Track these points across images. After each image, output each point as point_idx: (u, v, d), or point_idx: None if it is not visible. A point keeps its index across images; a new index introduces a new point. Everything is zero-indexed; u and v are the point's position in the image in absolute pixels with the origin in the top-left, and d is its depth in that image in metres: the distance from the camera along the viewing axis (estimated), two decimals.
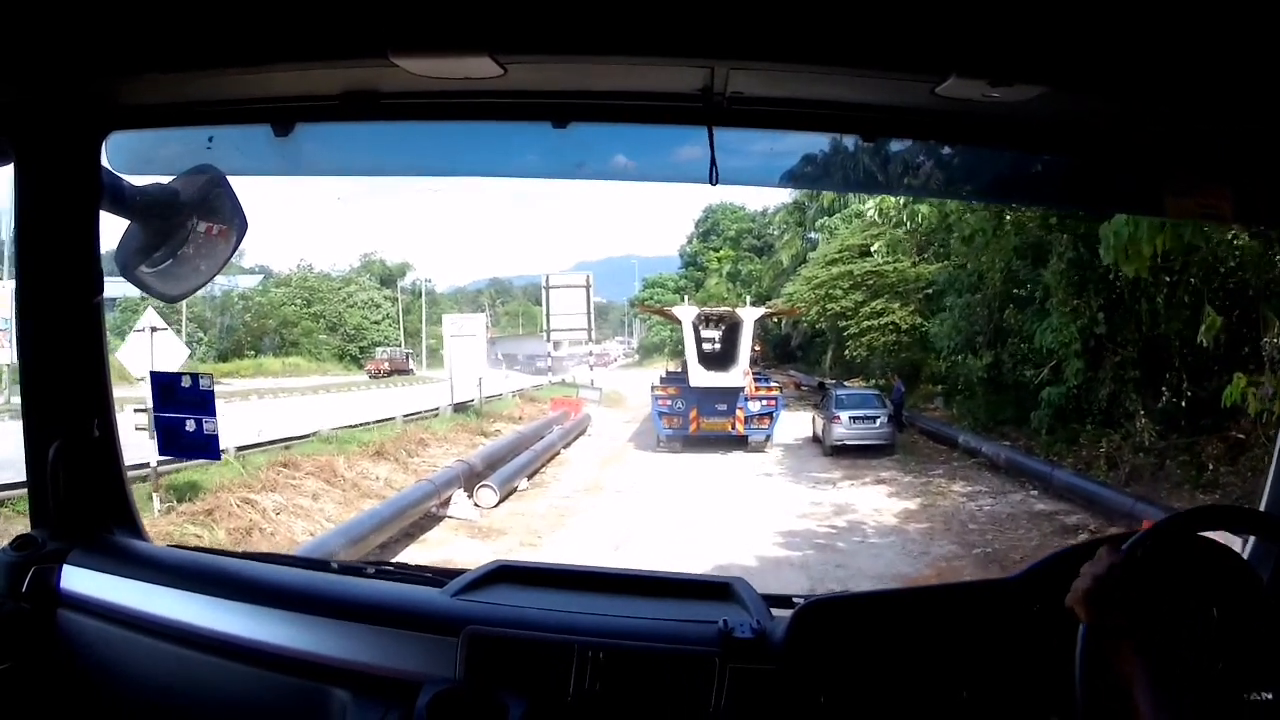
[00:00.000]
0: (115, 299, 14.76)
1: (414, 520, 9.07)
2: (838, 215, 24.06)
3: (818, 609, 1.37)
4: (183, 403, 1.70)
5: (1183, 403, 10.73)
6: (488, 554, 7.59)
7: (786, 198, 32.72)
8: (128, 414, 5.19)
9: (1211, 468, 9.78)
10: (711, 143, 1.39)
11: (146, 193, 1.47)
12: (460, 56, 1.16)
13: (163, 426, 1.71)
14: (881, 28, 1.10)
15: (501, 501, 10.60)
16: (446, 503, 9.81)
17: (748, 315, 17.06)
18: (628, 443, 16.91)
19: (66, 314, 1.49)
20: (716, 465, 14.07)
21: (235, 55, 1.20)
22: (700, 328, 17.95)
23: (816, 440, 15.95)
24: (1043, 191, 1.96)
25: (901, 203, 12.41)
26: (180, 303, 18.58)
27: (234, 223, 1.47)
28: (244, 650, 1.41)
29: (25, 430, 1.51)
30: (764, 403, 15.64)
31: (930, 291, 18.48)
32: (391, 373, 30.69)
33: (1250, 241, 8.83)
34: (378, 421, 14.40)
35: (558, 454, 14.54)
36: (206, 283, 1.52)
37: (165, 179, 1.47)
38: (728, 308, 19.69)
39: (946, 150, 1.61)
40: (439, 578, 1.54)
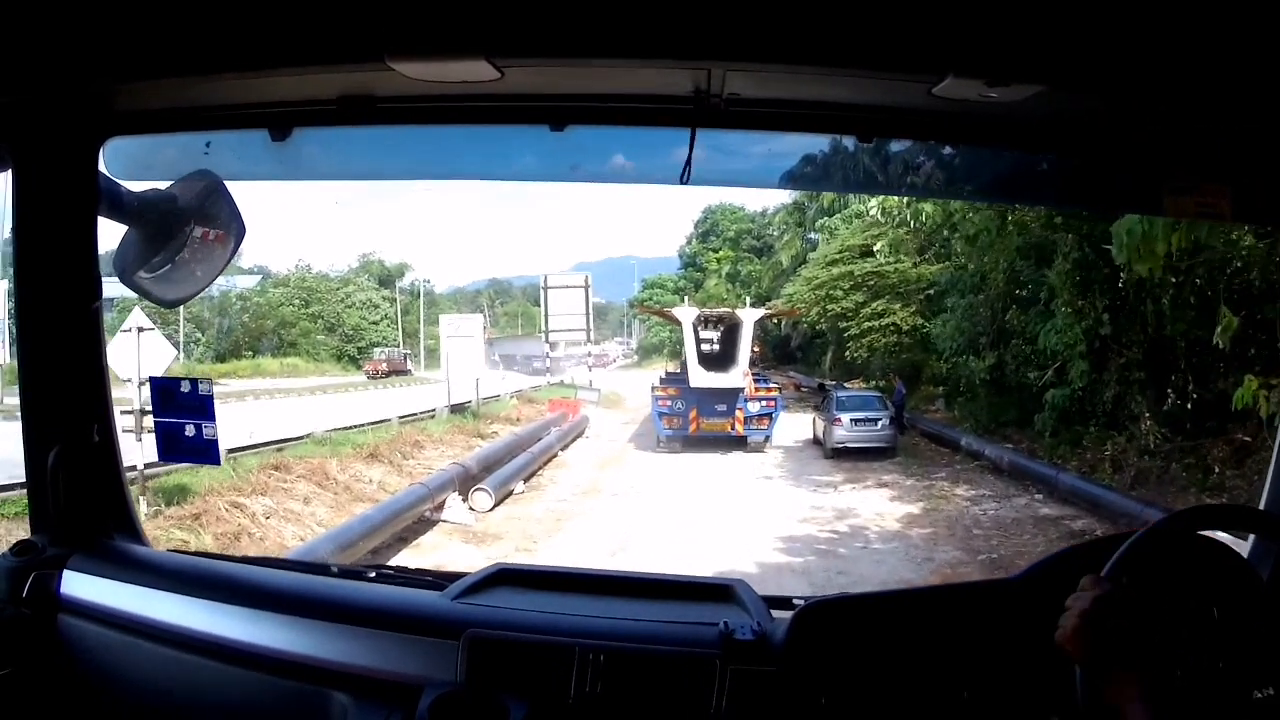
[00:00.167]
0: (113, 299, 14.75)
1: (407, 525, 8.93)
2: (838, 216, 23.98)
3: (818, 610, 1.37)
4: (182, 407, 1.70)
5: (1188, 405, 10.67)
6: (481, 560, 7.47)
7: (786, 198, 32.80)
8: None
9: (1217, 471, 9.70)
10: (693, 142, 1.38)
11: (144, 198, 1.46)
12: (457, 60, 1.16)
13: (162, 431, 1.70)
14: (877, 28, 1.10)
15: (497, 505, 10.48)
16: (440, 506, 9.66)
17: (747, 316, 17.10)
18: (626, 444, 16.88)
19: (65, 319, 1.49)
20: (716, 467, 14.02)
21: (232, 60, 1.20)
22: (700, 329, 17.99)
23: (817, 442, 15.91)
24: (1041, 191, 1.97)
25: (905, 202, 12.39)
26: None
27: (231, 228, 1.47)
28: (245, 655, 1.40)
29: (25, 435, 1.51)
30: (763, 403, 15.70)
31: (932, 292, 18.44)
32: (389, 373, 30.63)
33: (1256, 243, 8.75)
34: (373, 423, 14.31)
35: (555, 456, 14.47)
36: (204, 288, 1.52)
37: (163, 184, 1.47)
38: (727, 309, 19.74)
39: (946, 150, 1.60)
40: (439, 581, 1.54)
